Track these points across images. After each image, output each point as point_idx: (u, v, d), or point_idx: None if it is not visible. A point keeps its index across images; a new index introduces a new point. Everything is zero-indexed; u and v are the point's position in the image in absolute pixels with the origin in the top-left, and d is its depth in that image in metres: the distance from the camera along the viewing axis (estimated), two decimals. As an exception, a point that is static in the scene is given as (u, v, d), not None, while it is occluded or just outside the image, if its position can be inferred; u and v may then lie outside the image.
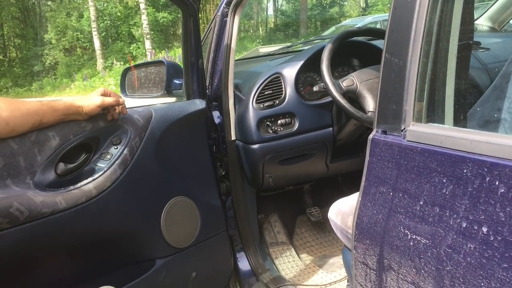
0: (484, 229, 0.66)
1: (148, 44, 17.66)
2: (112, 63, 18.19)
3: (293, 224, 2.42)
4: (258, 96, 1.84)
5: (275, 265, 2.11)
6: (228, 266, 1.89)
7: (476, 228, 0.67)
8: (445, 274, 0.72)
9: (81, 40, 21.23)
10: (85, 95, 1.55)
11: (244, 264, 1.98)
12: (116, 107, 1.41)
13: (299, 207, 2.47)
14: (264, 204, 2.30)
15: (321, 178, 2.32)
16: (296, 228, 2.41)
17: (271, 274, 1.95)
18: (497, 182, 0.64)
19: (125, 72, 2.00)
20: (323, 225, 2.41)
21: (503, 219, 0.63)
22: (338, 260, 2.13)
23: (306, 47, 2.36)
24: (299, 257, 2.19)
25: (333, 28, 12.98)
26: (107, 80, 16.16)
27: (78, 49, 21.54)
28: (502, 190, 0.63)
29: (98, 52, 18.89)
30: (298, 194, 2.47)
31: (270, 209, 2.36)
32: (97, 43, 18.76)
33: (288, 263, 2.14)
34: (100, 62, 18.82)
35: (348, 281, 1.80)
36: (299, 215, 2.46)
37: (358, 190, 0.98)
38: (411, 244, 0.79)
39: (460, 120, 0.86)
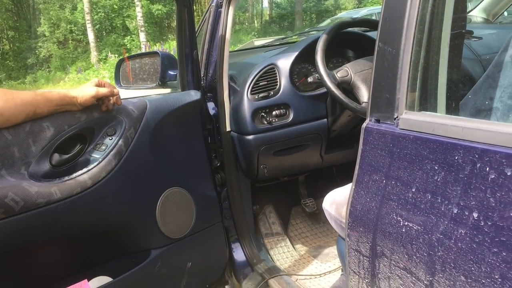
0: (475, 215, 0.67)
1: (142, 36, 17.59)
2: (107, 55, 18.10)
3: (288, 215, 2.43)
4: (252, 87, 1.84)
5: (270, 255, 2.12)
6: (223, 256, 1.90)
7: (467, 214, 0.68)
8: (436, 260, 0.73)
9: (75, 33, 21.10)
10: (79, 87, 1.55)
11: (239, 254, 1.99)
12: (111, 98, 1.41)
13: (294, 198, 2.48)
14: (259, 195, 2.31)
15: (316, 169, 2.33)
16: (291, 219, 2.42)
17: (266, 265, 1.96)
18: (487, 168, 0.65)
19: (120, 63, 1.99)
20: (317, 216, 2.42)
21: (493, 204, 0.64)
22: (332, 251, 2.14)
23: (301, 39, 2.36)
24: (294, 248, 2.21)
25: (328, 21, 12.96)
26: (101, 73, 16.09)
27: (72, 41, 21.40)
28: (493, 176, 0.64)
29: (92, 44, 18.79)
30: (293, 185, 2.49)
31: (265, 200, 2.37)
32: (91, 36, 18.66)
33: (283, 253, 2.15)
34: (94, 54, 18.72)
35: (342, 271, 1.81)
36: (294, 206, 2.47)
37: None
38: (404, 230, 0.80)
39: (452, 108, 0.87)
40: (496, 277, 0.63)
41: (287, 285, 1.81)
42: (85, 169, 1.35)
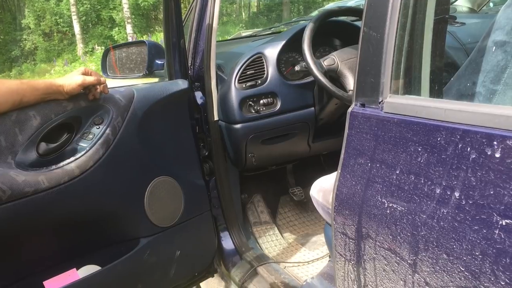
0: (457, 194, 0.68)
1: (129, 28, 17.42)
2: (93, 48, 17.93)
3: (276, 203, 2.45)
4: (240, 76, 1.85)
5: (258, 243, 2.13)
6: (212, 245, 1.91)
7: (449, 193, 0.69)
8: (419, 239, 0.74)
9: (60, 25, 20.84)
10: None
11: (228, 243, 2.00)
12: (98, 86, 1.40)
13: (282, 187, 2.49)
14: (248, 184, 2.32)
15: (304, 158, 2.35)
16: (279, 208, 2.43)
17: (254, 253, 1.98)
18: (469, 149, 0.66)
19: (106, 53, 1.98)
20: (305, 205, 2.44)
21: (474, 183, 0.66)
22: (320, 238, 2.16)
23: (287, 28, 2.37)
24: (282, 236, 2.22)
25: (316, 12, 12.94)
26: (87, 65, 15.94)
27: (57, 33, 21.14)
28: (474, 156, 0.66)
29: (78, 36, 18.60)
30: (281, 174, 2.50)
31: (253, 189, 2.38)
32: (77, 28, 18.45)
33: (272, 241, 2.17)
34: (80, 46, 18.53)
35: (330, 258, 1.84)
36: (282, 195, 2.49)
37: None
38: (388, 212, 0.81)
39: (435, 92, 0.89)
40: (477, 253, 0.65)
41: (275, 273, 1.82)
42: (72, 158, 1.35)
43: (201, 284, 2.10)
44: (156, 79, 1.91)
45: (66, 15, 20.11)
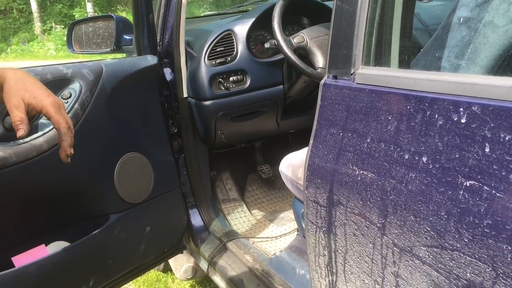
0: (424, 159, 0.72)
1: (89, 7, 16.87)
2: (52, 26, 17.30)
3: (244, 181, 2.48)
4: (210, 53, 1.84)
5: (227, 220, 2.16)
6: (181, 221, 1.92)
7: (417, 158, 0.73)
8: (388, 203, 0.78)
9: (16, 2, 19.98)
10: (23, 60, 1.46)
11: (196, 219, 2.02)
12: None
13: (250, 164, 2.52)
14: (216, 161, 2.34)
15: (272, 136, 2.38)
16: (247, 185, 2.46)
17: (223, 229, 2.00)
18: (436, 115, 0.70)
19: (72, 27, 1.93)
20: (273, 182, 2.48)
21: (441, 148, 0.69)
22: (288, 214, 2.21)
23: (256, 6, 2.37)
24: (250, 213, 2.26)
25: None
26: (46, 44, 15.41)
27: (14, 11, 20.28)
28: (441, 122, 0.69)
29: (35, 14, 17.88)
30: (249, 152, 2.52)
31: (222, 166, 2.39)
32: (34, 5, 17.72)
33: (240, 218, 2.20)
34: (38, 25, 17.84)
35: (297, 232, 1.88)
36: (250, 173, 2.51)
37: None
38: (359, 179, 0.85)
39: (405, 63, 0.92)
40: (442, 213, 0.69)
41: (244, 247, 1.86)
42: (40, 133, 1.32)
43: (170, 260, 2.11)
44: (124, 55, 1.89)
45: (22, -9, 19.29)
